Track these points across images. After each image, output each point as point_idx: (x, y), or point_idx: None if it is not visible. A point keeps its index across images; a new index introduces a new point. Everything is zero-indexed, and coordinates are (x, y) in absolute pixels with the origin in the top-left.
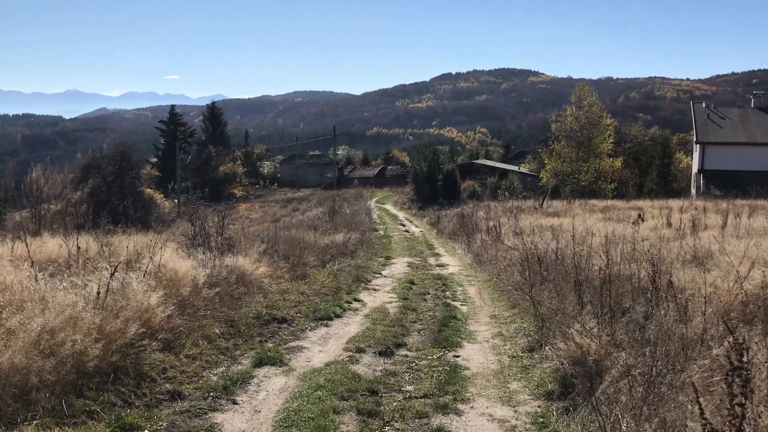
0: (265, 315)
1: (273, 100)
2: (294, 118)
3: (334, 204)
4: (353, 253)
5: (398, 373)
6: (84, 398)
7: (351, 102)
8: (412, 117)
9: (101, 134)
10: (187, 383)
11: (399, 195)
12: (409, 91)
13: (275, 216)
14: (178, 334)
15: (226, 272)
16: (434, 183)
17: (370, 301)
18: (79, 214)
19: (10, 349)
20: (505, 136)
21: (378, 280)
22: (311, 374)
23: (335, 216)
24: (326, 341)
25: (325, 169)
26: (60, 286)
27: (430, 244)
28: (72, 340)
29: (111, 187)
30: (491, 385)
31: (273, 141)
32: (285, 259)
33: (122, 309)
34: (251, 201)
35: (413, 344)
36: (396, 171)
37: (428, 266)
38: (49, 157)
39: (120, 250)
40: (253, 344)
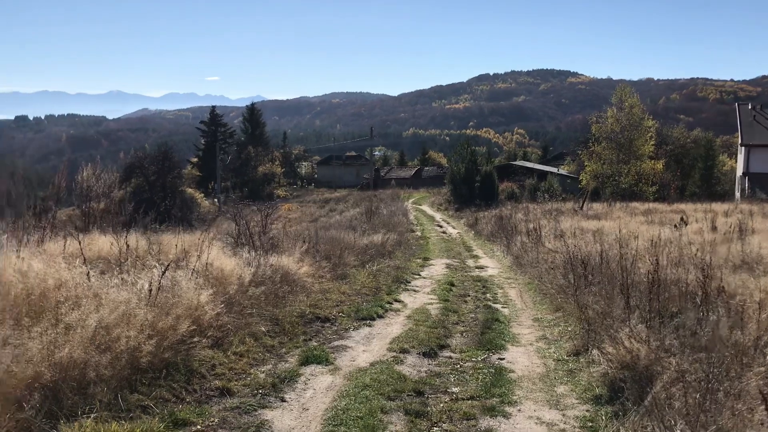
0: (308, 314)
1: (310, 101)
2: (331, 119)
3: (371, 205)
4: (391, 254)
5: (443, 375)
6: (138, 393)
7: (387, 103)
8: (448, 118)
9: (143, 134)
10: (236, 380)
11: (436, 196)
12: (445, 92)
13: (313, 216)
14: (226, 331)
15: (270, 271)
16: (472, 184)
17: (410, 302)
18: (126, 212)
19: (69, 344)
20: (543, 137)
21: (417, 281)
22: (357, 373)
23: (372, 217)
24: (369, 341)
25: (362, 169)
26: (111, 283)
27: (468, 245)
28: (126, 336)
29: (153, 186)
30: (537, 388)
31: (310, 142)
32: (326, 258)
33: (173, 306)
34: (289, 201)
35: (456, 346)
36: (432, 172)
37: (467, 268)
38: (98, 157)
39: (168, 249)
40: (298, 342)
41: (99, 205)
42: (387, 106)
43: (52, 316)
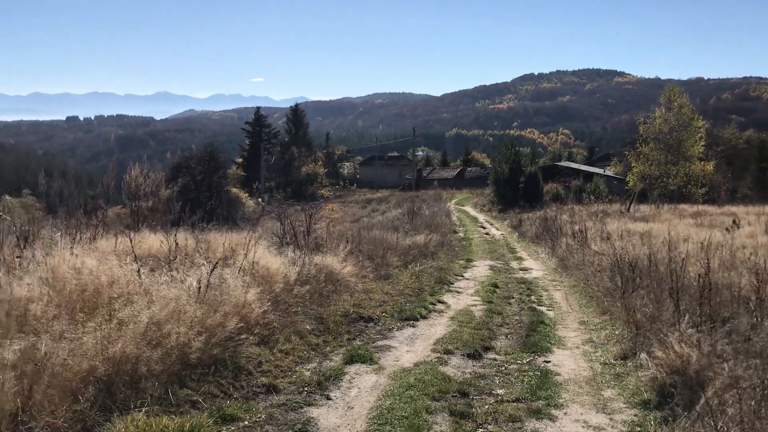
0: (352, 313)
1: (353, 101)
2: (373, 119)
3: (414, 205)
4: (434, 255)
5: (488, 376)
6: (187, 388)
7: (430, 103)
8: (492, 118)
9: (189, 135)
10: (282, 377)
11: (479, 197)
12: (489, 92)
13: (355, 216)
14: (272, 329)
15: (315, 270)
16: (515, 185)
17: (453, 303)
18: (174, 211)
19: (122, 339)
20: (589, 138)
21: (460, 282)
22: (401, 373)
23: (415, 217)
24: (413, 342)
25: (404, 170)
26: (161, 280)
27: (511, 247)
28: (176, 332)
29: (200, 185)
30: (584, 391)
31: (353, 142)
32: (369, 259)
33: (221, 304)
34: (332, 201)
35: (501, 348)
36: (475, 173)
37: (511, 270)
38: (146, 157)
39: (215, 247)
40: (342, 341)
41: (147, 204)
42: (430, 106)
43: (106, 312)
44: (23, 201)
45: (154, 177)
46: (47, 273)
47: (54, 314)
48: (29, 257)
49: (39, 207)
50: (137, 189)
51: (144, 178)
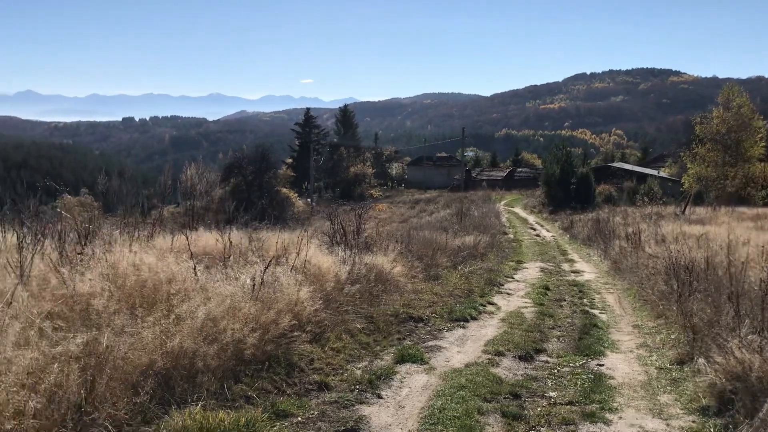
0: (402, 313)
1: (402, 102)
2: (422, 119)
3: (462, 206)
4: (483, 256)
5: (540, 379)
6: (242, 384)
7: (480, 103)
8: (542, 118)
9: (241, 135)
10: (333, 375)
11: (529, 198)
12: (540, 92)
13: (403, 216)
14: (323, 327)
15: (365, 270)
16: (567, 186)
17: (504, 305)
18: (229, 210)
19: (179, 334)
20: (643, 138)
21: (510, 284)
22: (452, 374)
23: (464, 218)
24: (464, 342)
25: (453, 170)
26: (216, 277)
27: (563, 249)
28: (232, 328)
29: (251, 185)
30: (639, 396)
31: (401, 143)
32: (418, 259)
33: (274, 301)
34: (380, 202)
35: (553, 350)
36: (525, 173)
37: (562, 272)
38: (201, 157)
39: (268, 246)
40: (392, 341)
41: (201, 203)
42: (479, 106)
43: (164, 308)
44: (81, 200)
45: (209, 177)
46: (108, 269)
47: (115, 309)
48: (90, 254)
49: (96, 206)
50: (193, 188)
51: (199, 178)
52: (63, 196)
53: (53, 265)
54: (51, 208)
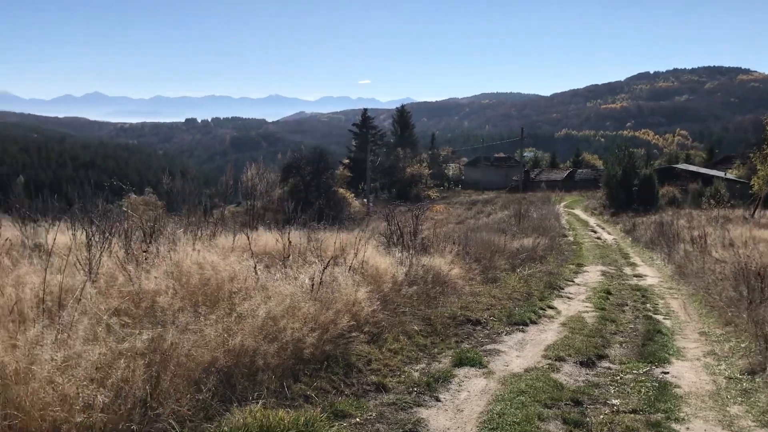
0: (459, 316)
1: (459, 102)
2: (480, 119)
3: (521, 207)
4: (542, 259)
5: (602, 385)
6: (301, 383)
7: (539, 103)
8: (603, 118)
9: (299, 136)
10: (390, 376)
11: (589, 200)
12: (601, 91)
13: (460, 218)
14: (381, 328)
15: (422, 271)
16: (629, 188)
17: (564, 309)
18: (288, 210)
19: (241, 333)
20: (708, 139)
21: (570, 287)
22: (511, 379)
23: (522, 220)
24: (523, 347)
25: (511, 171)
26: (276, 276)
27: (624, 252)
28: (291, 327)
29: (309, 186)
30: (707, 406)
31: (458, 143)
32: (476, 261)
33: (333, 301)
34: (437, 202)
35: (616, 356)
36: (586, 174)
37: (624, 276)
38: (261, 158)
39: (326, 246)
40: (450, 344)
41: (261, 203)
42: (538, 106)
43: (226, 306)
44: (146, 199)
45: (269, 177)
46: (172, 267)
47: (179, 307)
48: (155, 252)
49: (160, 205)
50: (253, 188)
51: (259, 179)
52: (129, 195)
53: (120, 262)
54: (117, 207)
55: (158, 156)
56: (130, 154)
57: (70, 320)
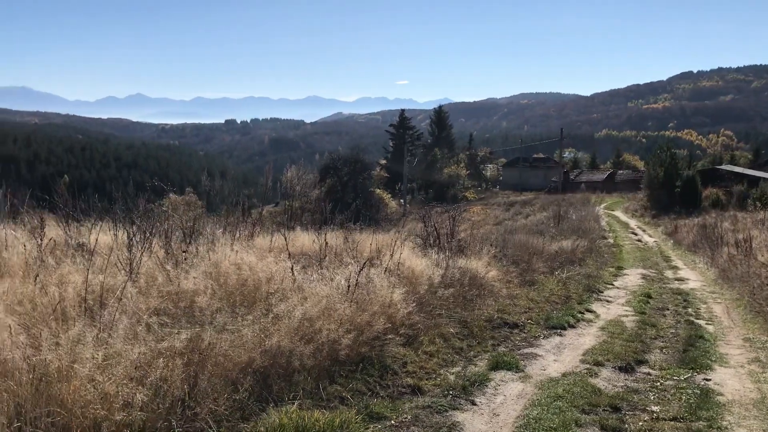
0: (496, 319)
1: (497, 102)
2: (518, 120)
3: (560, 209)
4: (582, 261)
5: (641, 392)
6: (336, 384)
7: (579, 103)
8: (645, 118)
9: (336, 137)
10: (426, 379)
11: (630, 201)
12: (642, 91)
13: (497, 219)
14: (416, 330)
15: (459, 274)
16: (671, 189)
17: (603, 312)
18: (326, 211)
19: (277, 333)
20: (755, 139)
21: (610, 291)
22: (548, 383)
23: (561, 221)
24: (560, 351)
25: (550, 172)
26: (312, 277)
27: (666, 255)
28: (327, 329)
29: (345, 186)
30: (752, 415)
31: (496, 144)
32: (513, 263)
33: (369, 303)
34: (474, 203)
35: (656, 362)
36: (627, 176)
37: (665, 279)
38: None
39: (362, 247)
40: (486, 347)
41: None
42: (578, 106)
43: (263, 306)
44: (186, 198)
45: (307, 178)
46: (211, 267)
47: (217, 307)
48: (194, 252)
49: (200, 204)
50: (291, 189)
51: (298, 179)
52: (169, 195)
53: (160, 262)
54: (158, 207)
55: (199, 156)
56: (171, 154)
57: (110, 319)
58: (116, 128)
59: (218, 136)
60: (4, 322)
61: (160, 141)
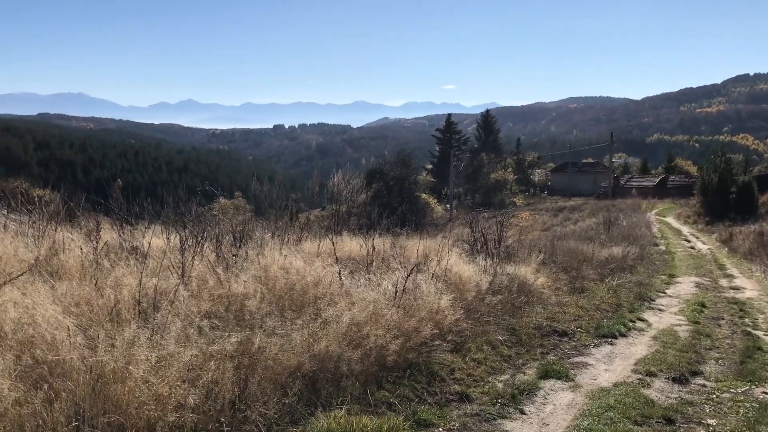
0: (545, 326)
1: (546, 106)
2: (567, 124)
3: (610, 215)
4: (632, 269)
5: (696, 404)
6: (383, 390)
7: (629, 107)
8: (698, 123)
9: (383, 142)
10: (474, 386)
11: (682, 208)
12: (695, 95)
13: (545, 225)
14: (464, 337)
15: (507, 280)
16: (725, 196)
17: (655, 321)
18: (373, 216)
19: (326, 338)
20: None
21: (662, 299)
22: (599, 393)
23: (611, 228)
24: (611, 360)
25: (599, 177)
26: (359, 282)
27: (720, 263)
28: (375, 334)
29: (392, 191)
30: None
31: (544, 148)
32: (563, 270)
33: (416, 309)
34: (522, 209)
35: (711, 374)
36: (679, 181)
37: (720, 288)
38: (348, 164)
39: (410, 253)
40: (535, 355)
41: (345, 208)
42: (629, 110)
43: (312, 311)
44: (235, 202)
45: (354, 183)
46: (260, 271)
47: (267, 311)
48: (243, 256)
49: (249, 208)
50: (338, 193)
51: (345, 184)
52: (219, 199)
53: (211, 266)
54: (208, 211)
55: (247, 161)
56: (221, 159)
57: (163, 322)
58: (168, 133)
59: (266, 140)
60: (63, 324)
61: (210, 146)
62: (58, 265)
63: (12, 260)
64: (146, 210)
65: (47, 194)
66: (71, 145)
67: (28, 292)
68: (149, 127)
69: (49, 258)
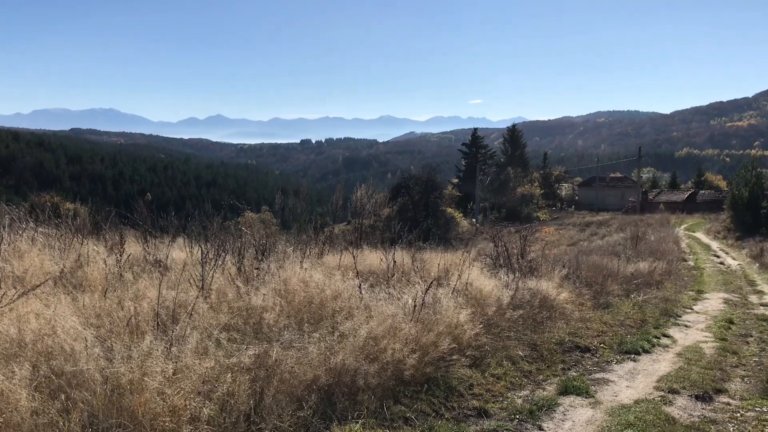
0: (567, 342)
1: (573, 121)
2: (594, 139)
3: (637, 230)
4: (659, 284)
5: (719, 422)
6: (400, 404)
7: (658, 121)
8: (728, 137)
9: (409, 156)
10: (492, 402)
11: (712, 223)
12: (726, 109)
13: (572, 239)
14: (483, 352)
15: (528, 295)
16: (756, 211)
17: (680, 338)
18: (394, 229)
19: (342, 351)
20: None
21: (689, 315)
22: (619, 410)
23: (638, 243)
24: (634, 377)
25: (627, 192)
26: (379, 296)
27: (750, 279)
28: (392, 348)
29: (417, 205)
30: None
31: (571, 163)
32: (587, 285)
33: (435, 323)
34: (548, 224)
35: (736, 392)
36: (709, 196)
37: (749, 305)
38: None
39: (430, 267)
40: (556, 371)
41: (369, 222)
42: (657, 124)
43: (329, 324)
44: (262, 216)
45: (377, 197)
46: (280, 285)
47: (285, 324)
48: (265, 269)
49: (275, 222)
50: (362, 208)
51: (368, 198)
52: (245, 213)
53: (231, 279)
54: (234, 224)
55: (275, 175)
56: (249, 173)
57: (181, 334)
58: (196, 148)
59: (294, 155)
60: (82, 335)
61: (238, 160)
62: (83, 277)
63: (38, 272)
64: (171, 223)
65: (74, 208)
66: (102, 159)
67: (51, 303)
68: (178, 141)
69: (74, 270)
